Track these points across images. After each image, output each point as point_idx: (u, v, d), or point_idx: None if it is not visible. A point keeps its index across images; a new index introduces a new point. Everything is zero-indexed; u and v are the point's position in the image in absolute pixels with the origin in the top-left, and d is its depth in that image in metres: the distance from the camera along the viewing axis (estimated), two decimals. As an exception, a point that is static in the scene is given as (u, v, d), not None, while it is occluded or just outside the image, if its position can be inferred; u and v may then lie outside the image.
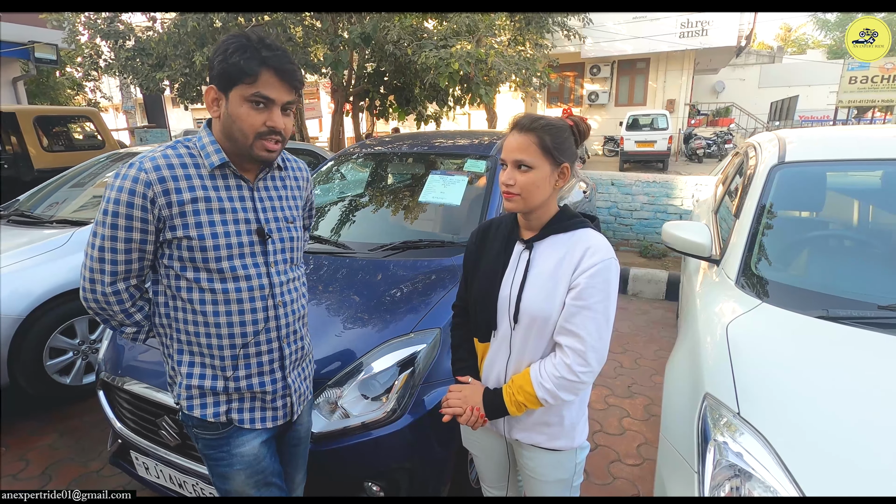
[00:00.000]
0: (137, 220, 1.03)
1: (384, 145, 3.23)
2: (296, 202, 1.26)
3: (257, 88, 1.02)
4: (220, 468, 1.20)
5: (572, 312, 1.10)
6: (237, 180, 1.13)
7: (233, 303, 1.11)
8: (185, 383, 1.16)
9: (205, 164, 1.09)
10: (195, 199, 1.06)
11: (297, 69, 1.07)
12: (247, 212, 1.13)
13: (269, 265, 1.15)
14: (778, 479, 1.05)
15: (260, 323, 1.15)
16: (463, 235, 2.34)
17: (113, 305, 1.11)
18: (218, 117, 1.08)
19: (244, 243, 1.11)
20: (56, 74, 14.38)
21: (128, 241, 1.05)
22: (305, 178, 1.33)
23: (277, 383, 1.21)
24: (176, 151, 1.08)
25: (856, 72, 10.01)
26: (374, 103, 9.31)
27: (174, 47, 7.51)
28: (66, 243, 2.83)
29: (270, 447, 1.25)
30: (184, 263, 1.08)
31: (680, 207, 5.54)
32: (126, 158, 3.85)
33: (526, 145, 1.12)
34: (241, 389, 1.16)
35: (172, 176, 1.04)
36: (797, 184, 2.06)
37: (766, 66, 22.41)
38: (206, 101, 1.08)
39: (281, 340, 1.20)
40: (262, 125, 1.05)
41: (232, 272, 1.10)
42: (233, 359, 1.15)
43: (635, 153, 13.12)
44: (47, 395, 2.76)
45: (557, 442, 1.22)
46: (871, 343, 1.34)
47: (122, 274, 1.08)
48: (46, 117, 6.30)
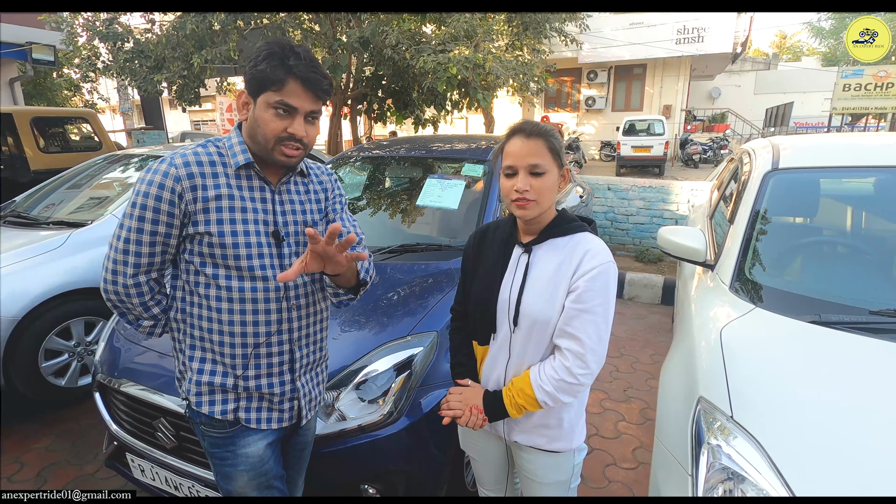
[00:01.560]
0: (165, 213, 1.06)
1: (382, 149, 3.24)
2: (319, 206, 1.27)
3: (282, 96, 1.04)
4: (224, 468, 1.21)
5: (572, 315, 1.11)
6: (260, 181, 1.15)
7: (247, 302, 1.13)
8: (195, 379, 1.17)
9: (231, 163, 1.12)
10: (219, 196, 1.09)
11: (323, 78, 1.08)
12: (266, 213, 1.15)
13: (285, 268, 1.16)
14: (770, 482, 1.06)
15: (273, 325, 1.17)
16: (460, 239, 2.35)
17: (133, 298, 1.13)
18: (246, 120, 1.11)
19: (262, 244, 1.13)
20: (53, 76, 14.36)
21: (153, 234, 1.07)
22: (330, 181, 1.33)
23: (286, 385, 1.22)
24: (206, 150, 1.12)
25: (850, 79, 10.09)
26: (373, 107, 9.32)
27: (172, 49, 7.50)
28: (63, 245, 2.83)
29: (275, 450, 1.25)
30: (203, 259, 1.11)
31: (676, 212, 5.57)
32: (123, 160, 3.84)
33: (538, 150, 1.12)
34: (249, 389, 1.18)
35: (201, 173, 1.08)
36: (791, 190, 2.08)
37: (762, 72, 22.59)
38: (237, 104, 1.12)
39: (293, 343, 1.21)
40: (282, 131, 1.07)
41: (249, 271, 1.12)
42: (244, 357, 1.16)
43: (632, 158, 13.19)
44: (43, 398, 2.75)
45: (556, 444, 1.23)
46: (863, 348, 1.36)
47: (145, 267, 1.11)
48: (43, 118, 6.28)
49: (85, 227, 2.97)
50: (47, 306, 2.67)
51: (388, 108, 9.36)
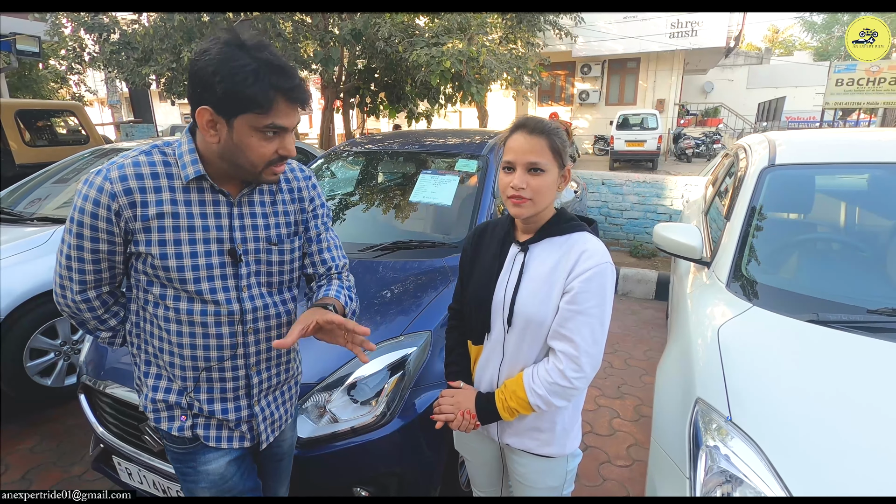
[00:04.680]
0: (103, 231, 0.96)
1: (375, 143, 3.19)
2: (287, 219, 1.14)
3: (271, 119, 0.92)
4: (186, 483, 1.16)
5: (566, 317, 1.09)
6: (215, 195, 1.02)
7: (197, 325, 1.03)
8: (150, 396, 1.11)
9: (180, 174, 0.99)
10: (161, 215, 0.97)
11: (304, 87, 0.97)
12: (221, 230, 1.02)
13: (241, 289, 1.06)
14: (768, 484, 1.05)
15: (226, 349, 1.07)
16: (454, 236, 2.32)
17: (84, 312, 1.08)
18: (216, 142, 0.95)
19: (213, 264, 1.02)
20: (39, 67, 14.10)
21: (94, 252, 0.99)
22: (308, 188, 1.19)
23: (242, 411, 1.13)
24: (149, 158, 0.98)
25: (842, 74, 10.13)
26: (365, 100, 9.24)
27: (160, 41, 7.38)
28: (48, 241, 2.76)
29: (241, 465, 1.17)
30: (150, 278, 1.01)
31: (670, 207, 5.57)
32: (111, 154, 3.77)
33: (539, 148, 1.09)
34: (203, 411, 1.10)
35: (140, 187, 0.95)
36: (787, 186, 2.06)
37: (754, 67, 22.67)
38: (198, 122, 0.94)
39: (249, 368, 1.11)
40: (273, 154, 0.97)
41: (199, 295, 1.02)
42: (194, 380, 1.08)
43: (625, 152, 13.23)
44: (28, 398, 2.70)
45: (549, 448, 1.20)
46: (861, 347, 1.35)
47: (92, 283, 1.04)
48: (29, 111, 6.17)
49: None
50: (32, 304, 2.62)
51: (380, 102, 9.29)
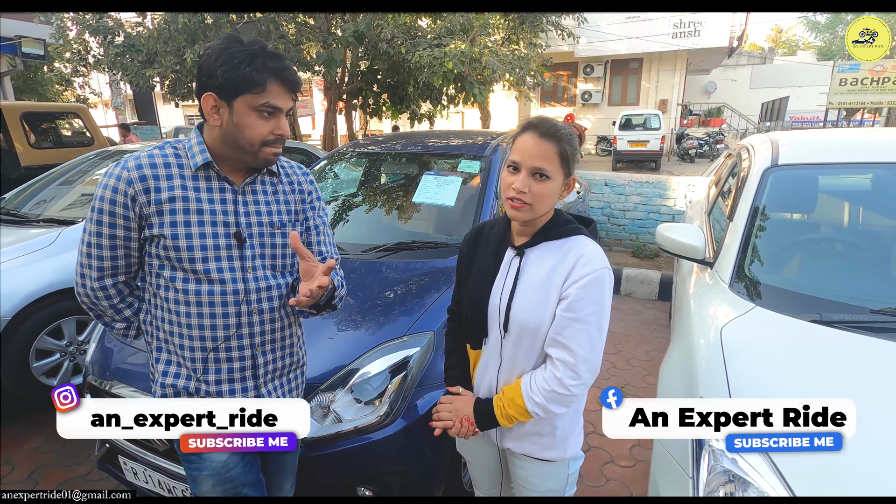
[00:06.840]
0: (120, 217, 1.06)
1: (378, 144, 3.20)
2: (288, 207, 1.22)
3: (266, 99, 1.04)
4: (191, 471, 1.20)
5: (563, 325, 1.07)
6: (221, 182, 1.13)
7: (204, 305, 1.12)
8: (160, 381, 1.18)
9: (189, 164, 1.10)
10: (173, 199, 1.07)
11: (296, 75, 1.10)
12: (227, 214, 1.12)
13: (246, 270, 1.14)
14: (772, 485, 1.05)
15: (231, 328, 1.14)
16: (457, 236, 2.32)
17: (101, 301, 1.16)
18: (219, 126, 1.07)
19: (220, 245, 1.11)
20: (44, 70, 14.17)
21: (112, 238, 1.08)
22: (307, 183, 1.28)
23: (249, 392, 1.19)
24: (162, 151, 1.10)
25: (846, 74, 10.08)
26: (368, 101, 9.26)
27: (164, 44, 7.41)
28: (54, 243, 2.78)
29: (245, 457, 1.21)
30: (161, 262, 1.11)
31: (673, 208, 5.56)
32: (115, 156, 3.79)
33: (547, 153, 1.06)
34: (210, 394, 1.16)
35: (154, 175, 1.07)
36: (790, 186, 2.06)
37: (757, 66, 22.57)
38: (204, 109, 1.07)
39: (254, 349, 1.18)
40: (269, 133, 1.08)
41: (206, 274, 1.10)
42: (203, 361, 1.15)
43: (628, 153, 13.19)
44: (34, 398, 2.71)
45: (549, 452, 1.19)
46: (865, 348, 1.35)
47: (109, 270, 1.12)
48: (34, 113, 6.20)
49: (76, 225, 2.92)
50: (38, 305, 2.63)
51: (383, 103, 9.30)
